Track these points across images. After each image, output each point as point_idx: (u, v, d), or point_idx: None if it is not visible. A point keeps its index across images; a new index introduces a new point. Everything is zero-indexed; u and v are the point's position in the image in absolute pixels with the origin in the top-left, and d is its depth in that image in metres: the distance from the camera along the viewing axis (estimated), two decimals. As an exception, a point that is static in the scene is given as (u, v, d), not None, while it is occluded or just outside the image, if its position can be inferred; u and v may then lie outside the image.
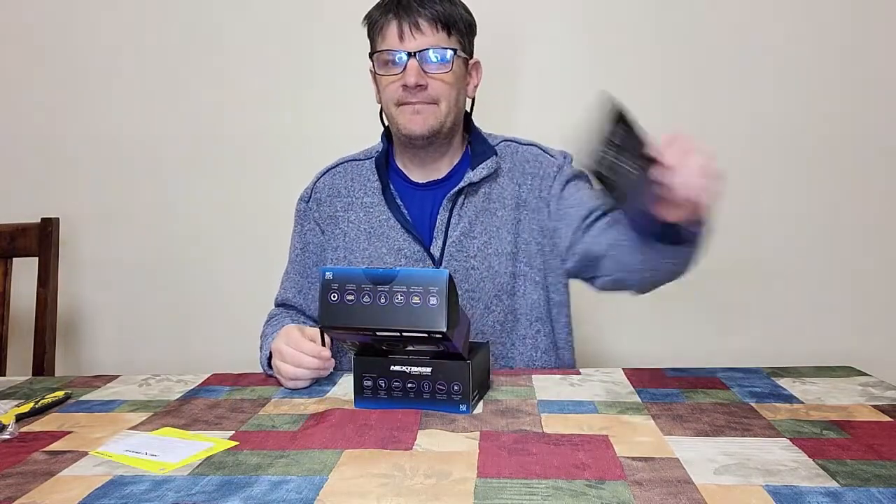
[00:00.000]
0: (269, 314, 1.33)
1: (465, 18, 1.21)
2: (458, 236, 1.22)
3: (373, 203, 1.26)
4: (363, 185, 1.28)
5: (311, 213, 1.31)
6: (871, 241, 1.71)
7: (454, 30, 1.18)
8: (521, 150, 1.29)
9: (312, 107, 1.78)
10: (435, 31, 1.16)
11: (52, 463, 0.80)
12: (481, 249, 1.23)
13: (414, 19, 1.15)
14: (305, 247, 1.32)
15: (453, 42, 1.19)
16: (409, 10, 1.16)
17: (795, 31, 1.68)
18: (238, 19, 1.77)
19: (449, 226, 1.23)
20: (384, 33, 1.18)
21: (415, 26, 1.15)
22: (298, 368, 1.04)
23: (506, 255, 1.23)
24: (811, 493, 0.68)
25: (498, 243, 1.23)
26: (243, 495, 0.70)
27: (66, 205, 1.79)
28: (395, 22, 1.16)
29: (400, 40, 1.16)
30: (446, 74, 1.17)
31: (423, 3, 1.16)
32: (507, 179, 1.26)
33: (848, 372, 1.09)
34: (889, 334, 1.72)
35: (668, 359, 1.66)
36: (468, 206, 1.23)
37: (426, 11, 1.15)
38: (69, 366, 1.86)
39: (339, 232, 1.28)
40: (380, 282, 0.89)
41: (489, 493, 0.69)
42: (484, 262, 1.22)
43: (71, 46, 1.80)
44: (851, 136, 1.69)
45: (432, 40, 1.16)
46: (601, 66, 1.71)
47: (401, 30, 1.16)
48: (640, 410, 0.93)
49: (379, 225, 1.25)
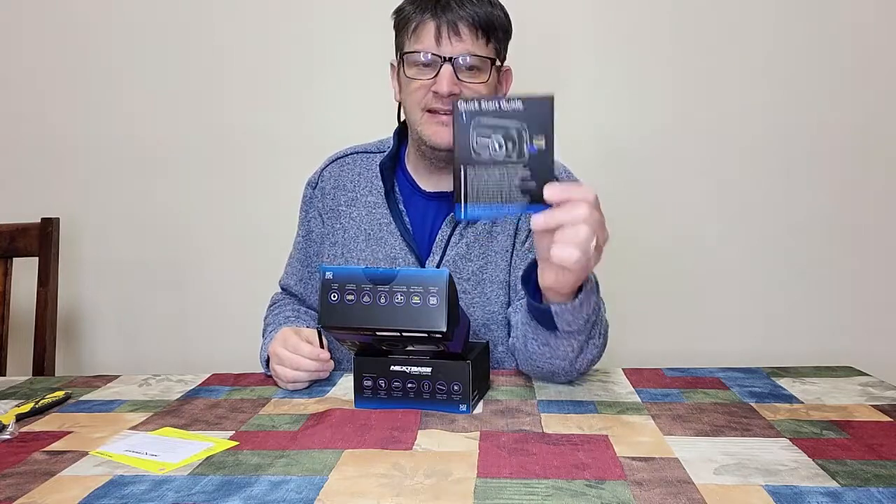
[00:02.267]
0: (272, 298, 1.33)
1: (503, 24, 1.13)
2: (454, 256, 1.17)
3: (376, 203, 1.22)
4: (369, 182, 1.24)
5: (316, 202, 1.28)
6: (872, 241, 1.71)
7: (493, 36, 1.11)
8: None
9: (312, 107, 1.78)
10: (475, 37, 1.08)
11: (53, 463, 0.80)
12: (476, 274, 1.18)
13: (453, 22, 1.07)
14: (308, 235, 1.30)
15: (491, 50, 1.11)
16: (448, 10, 1.07)
17: (799, 31, 1.68)
18: (238, 19, 1.77)
19: (448, 244, 1.18)
20: (419, 33, 1.09)
21: (453, 30, 1.07)
22: (297, 371, 1.03)
23: (499, 283, 1.18)
24: (811, 493, 0.68)
25: (493, 270, 1.18)
26: (243, 495, 0.70)
27: (66, 205, 1.79)
28: (434, 23, 1.08)
29: (437, 43, 1.08)
30: (481, 86, 1.10)
31: (463, 4, 1.08)
32: None
33: (848, 372, 1.09)
34: (889, 334, 1.72)
35: (668, 359, 1.66)
36: (471, 228, 1.18)
37: (467, 14, 1.07)
38: (69, 366, 1.86)
39: (339, 227, 1.25)
40: (380, 282, 0.89)
41: (489, 493, 0.69)
42: (477, 287, 1.18)
43: (71, 46, 1.80)
44: (851, 137, 1.69)
45: (470, 46, 1.08)
46: (601, 65, 1.72)
47: (438, 32, 1.08)
48: (639, 410, 0.93)
49: (379, 228, 1.21)
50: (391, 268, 0.89)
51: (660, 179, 1.73)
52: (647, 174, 1.73)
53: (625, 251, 1.74)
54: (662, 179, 1.73)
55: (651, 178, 1.73)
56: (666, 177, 1.73)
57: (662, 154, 1.72)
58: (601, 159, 1.73)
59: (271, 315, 1.26)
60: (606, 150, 1.72)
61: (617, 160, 1.73)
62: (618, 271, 1.62)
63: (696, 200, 1.73)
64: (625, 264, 1.74)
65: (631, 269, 1.74)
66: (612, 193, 1.72)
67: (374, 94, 1.62)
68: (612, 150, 1.73)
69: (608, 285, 1.71)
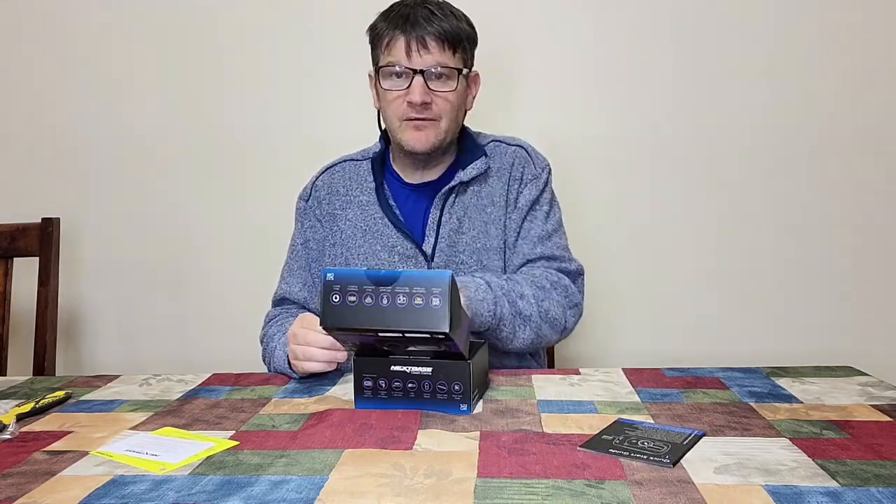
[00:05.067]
0: (267, 316, 1.33)
1: (469, 34, 1.24)
2: (448, 232, 1.25)
3: (368, 202, 1.29)
4: (360, 185, 1.31)
5: (312, 211, 1.33)
6: (872, 241, 1.71)
7: (459, 47, 1.21)
8: (510, 152, 1.31)
9: (312, 107, 1.78)
10: (442, 49, 1.18)
11: (53, 463, 0.80)
12: (470, 244, 1.26)
13: (421, 37, 1.17)
14: (306, 243, 1.33)
15: (458, 59, 1.21)
16: (416, 26, 1.17)
17: (799, 31, 1.68)
18: (238, 19, 1.77)
19: (440, 223, 1.25)
20: (391, 47, 1.19)
21: (422, 44, 1.17)
22: (310, 347, 1.04)
23: (494, 251, 1.27)
24: (811, 493, 0.68)
25: (486, 239, 1.26)
26: (243, 495, 0.70)
27: (66, 205, 1.79)
28: (404, 38, 1.17)
29: (407, 57, 1.18)
30: (450, 93, 1.20)
31: (430, 20, 1.17)
32: (496, 179, 1.29)
33: (848, 372, 1.09)
34: (889, 334, 1.72)
35: (668, 359, 1.66)
36: (458, 204, 1.26)
37: (434, 29, 1.17)
38: (70, 366, 1.86)
39: (336, 229, 1.31)
40: (382, 283, 0.88)
41: (489, 493, 0.69)
42: (473, 256, 1.26)
43: (71, 47, 1.80)
44: (852, 137, 1.69)
45: (439, 58, 1.18)
46: (601, 65, 1.72)
47: (408, 47, 1.17)
48: (639, 410, 0.93)
49: (374, 223, 1.28)
50: (394, 268, 0.89)
51: (659, 179, 1.73)
52: (646, 174, 1.73)
53: (624, 251, 1.74)
54: (662, 179, 1.73)
55: (651, 178, 1.73)
56: (665, 177, 1.73)
57: (662, 154, 1.73)
58: (601, 159, 1.73)
59: (274, 325, 1.27)
60: (606, 150, 1.72)
61: (617, 160, 1.73)
62: (618, 271, 1.63)
63: (696, 200, 1.73)
64: (625, 264, 1.75)
65: (631, 269, 1.75)
66: (612, 193, 1.74)
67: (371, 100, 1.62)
68: (611, 150, 1.73)
69: (609, 285, 1.73)
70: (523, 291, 1.17)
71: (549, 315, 1.19)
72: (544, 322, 1.19)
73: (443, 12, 1.19)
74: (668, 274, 1.75)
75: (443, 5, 1.21)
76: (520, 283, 1.19)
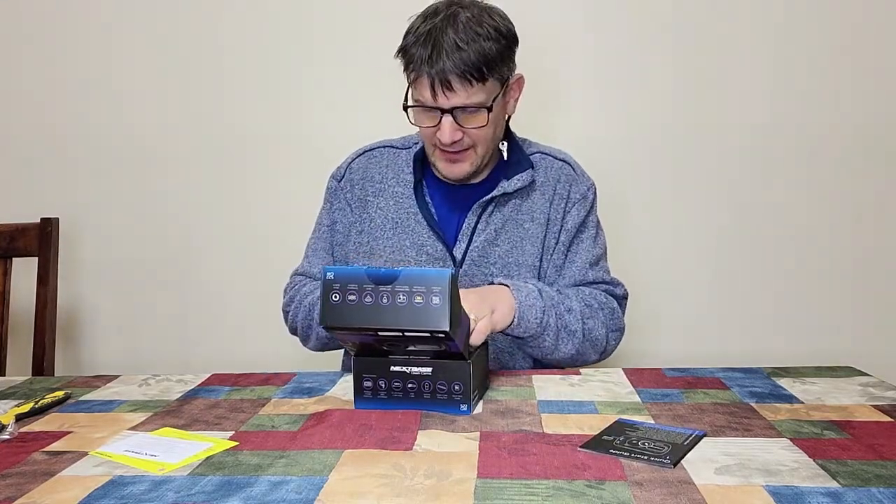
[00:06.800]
0: (289, 282, 1.30)
1: (498, 54, 1.12)
2: (482, 242, 1.21)
3: (403, 194, 1.25)
4: (396, 175, 1.26)
5: (343, 193, 1.29)
6: (872, 241, 1.71)
7: (488, 74, 1.11)
8: (556, 167, 1.27)
9: (312, 107, 1.78)
10: (468, 85, 1.10)
11: (52, 463, 0.80)
12: (502, 258, 1.22)
13: (444, 77, 1.08)
14: (333, 224, 1.30)
15: (488, 88, 1.12)
16: (438, 61, 1.08)
17: (799, 31, 1.68)
18: (238, 19, 1.77)
19: (475, 231, 1.22)
20: (417, 84, 1.12)
21: (446, 85, 1.09)
22: None
23: (527, 267, 1.23)
24: (811, 494, 0.68)
25: (520, 254, 1.23)
26: (243, 495, 0.70)
27: (65, 205, 1.79)
28: (427, 79, 1.10)
29: (433, 97, 1.11)
30: (481, 128, 1.14)
31: (451, 54, 1.08)
32: (539, 194, 1.25)
33: (848, 372, 1.09)
34: (889, 334, 1.72)
35: (669, 359, 1.66)
36: (497, 215, 1.22)
37: (455, 65, 1.08)
38: (69, 366, 1.86)
39: (366, 217, 1.26)
40: (382, 282, 0.88)
41: (489, 494, 0.69)
42: (503, 269, 1.22)
43: (71, 47, 1.80)
44: (852, 137, 1.69)
45: (465, 97, 1.10)
46: (601, 66, 1.72)
47: (433, 89, 1.10)
48: (640, 410, 0.93)
49: (406, 217, 1.23)
50: (394, 268, 0.89)
51: (659, 180, 1.73)
52: (646, 174, 1.73)
53: (624, 252, 1.74)
54: (662, 180, 1.73)
55: (651, 178, 1.73)
56: (666, 177, 1.73)
57: (662, 154, 1.73)
58: (601, 160, 1.72)
59: (301, 289, 1.24)
60: (606, 150, 1.72)
61: (616, 160, 1.73)
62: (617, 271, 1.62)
63: (697, 200, 1.73)
64: (624, 265, 1.74)
65: (631, 270, 1.74)
66: (611, 194, 1.73)
67: (373, 95, 1.62)
68: (611, 150, 1.73)
69: (608, 285, 1.72)
70: (571, 306, 1.15)
71: (593, 334, 1.17)
72: (587, 340, 1.16)
73: (469, 34, 1.08)
74: (668, 274, 1.75)
75: (472, 22, 1.10)
76: (570, 297, 1.16)
